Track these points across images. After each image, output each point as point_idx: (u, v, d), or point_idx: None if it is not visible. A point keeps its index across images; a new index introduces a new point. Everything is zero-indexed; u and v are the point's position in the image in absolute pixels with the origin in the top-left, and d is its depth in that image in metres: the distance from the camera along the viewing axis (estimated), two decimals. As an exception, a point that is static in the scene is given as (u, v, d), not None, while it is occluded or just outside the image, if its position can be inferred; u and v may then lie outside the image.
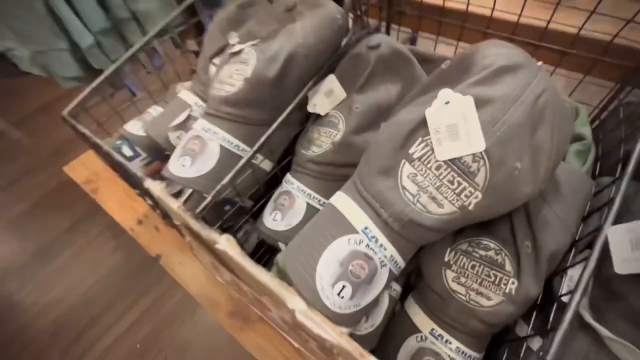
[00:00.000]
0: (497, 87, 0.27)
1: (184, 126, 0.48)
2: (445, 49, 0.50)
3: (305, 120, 0.47)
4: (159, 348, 1.16)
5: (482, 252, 0.34)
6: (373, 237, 0.28)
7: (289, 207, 0.42)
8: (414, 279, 0.40)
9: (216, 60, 0.49)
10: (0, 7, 0.77)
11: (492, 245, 0.34)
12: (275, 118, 0.40)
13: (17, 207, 1.53)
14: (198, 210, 0.35)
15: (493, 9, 0.43)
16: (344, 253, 0.28)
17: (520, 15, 0.41)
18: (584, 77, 0.43)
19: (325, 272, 0.27)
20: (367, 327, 0.36)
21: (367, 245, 0.28)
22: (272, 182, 0.47)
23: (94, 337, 1.21)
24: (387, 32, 0.54)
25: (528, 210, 0.33)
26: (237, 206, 0.44)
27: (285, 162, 0.47)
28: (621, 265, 0.24)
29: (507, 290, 0.32)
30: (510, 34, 0.43)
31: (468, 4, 0.44)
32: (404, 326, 0.36)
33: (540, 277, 0.32)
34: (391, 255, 0.28)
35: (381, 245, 0.28)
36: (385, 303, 0.37)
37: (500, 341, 0.36)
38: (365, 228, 0.28)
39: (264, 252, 0.52)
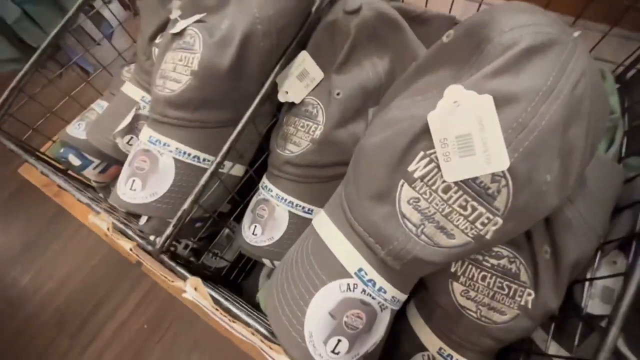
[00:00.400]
0: (524, 77, 0.20)
1: (133, 129, 0.39)
2: (443, 3, 0.40)
3: (278, 109, 0.39)
4: (169, 322, 1.18)
5: (494, 261, 0.30)
6: (370, 280, 0.23)
7: (269, 218, 0.36)
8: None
9: (158, 41, 0.39)
10: None
11: (504, 253, 0.29)
12: (239, 115, 0.32)
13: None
14: (157, 246, 0.29)
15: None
16: (336, 302, 0.23)
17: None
18: (612, 28, 0.35)
19: (316, 327, 0.22)
20: (368, 346, 0.33)
21: (363, 291, 0.23)
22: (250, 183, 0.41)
23: (100, 321, 1.22)
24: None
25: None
26: (211, 220, 0.38)
27: (259, 162, 0.40)
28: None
29: (522, 303, 0.29)
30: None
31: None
32: (410, 342, 0.33)
33: (561, 287, 0.28)
34: (392, 297, 0.23)
35: (380, 289, 0.23)
36: (386, 320, 0.34)
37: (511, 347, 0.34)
38: (360, 270, 0.23)
39: (250, 259, 0.48)
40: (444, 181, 0.21)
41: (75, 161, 0.45)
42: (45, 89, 0.45)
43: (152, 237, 0.31)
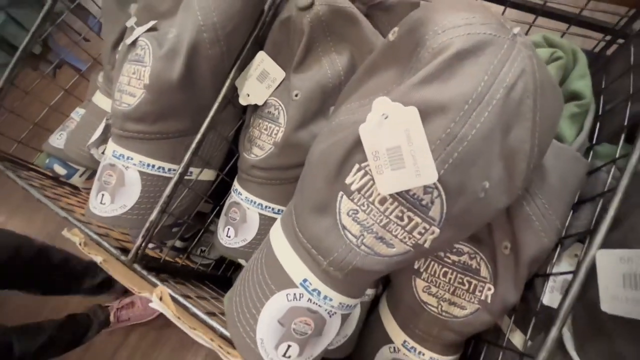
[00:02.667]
0: (453, 84, 0.19)
1: (106, 139, 0.40)
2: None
3: (243, 112, 0.39)
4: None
5: (455, 257, 0.30)
6: (314, 289, 0.23)
7: (241, 220, 0.37)
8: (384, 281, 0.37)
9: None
10: None
11: (465, 249, 0.29)
12: (199, 123, 0.32)
13: None
14: (129, 257, 0.31)
15: None
16: (283, 311, 0.24)
17: None
18: (587, 2, 0.32)
19: (266, 334, 0.24)
20: (339, 339, 0.35)
21: (309, 300, 0.23)
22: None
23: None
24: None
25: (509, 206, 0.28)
26: (185, 225, 0.39)
27: (230, 165, 0.41)
28: (609, 303, 0.20)
29: (482, 298, 0.29)
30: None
31: None
32: (378, 334, 0.34)
33: (520, 282, 0.28)
34: (340, 303, 0.24)
35: (325, 297, 0.24)
36: (357, 313, 0.35)
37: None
38: (304, 280, 0.23)
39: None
40: (379, 193, 0.21)
41: (60, 170, 0.47)
42: (43, 89, 0.45)
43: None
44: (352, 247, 0.22)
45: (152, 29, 0.32)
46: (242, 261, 0.38)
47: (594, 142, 0.31)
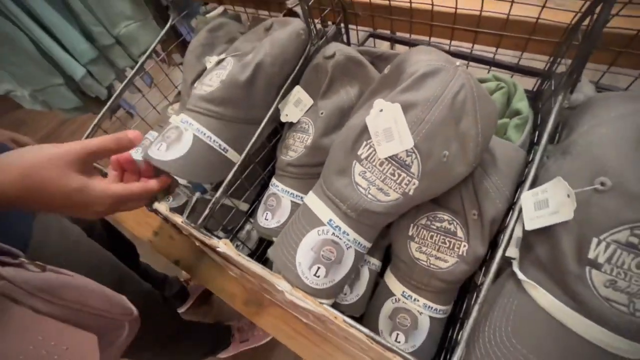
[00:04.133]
0: (421, 91, 0.33)
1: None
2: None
3: (276, 128, 0.54)
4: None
5: (438, 224, 0.40)
6: (337, 226, 0.35)
7: (277, 207, 0.49)
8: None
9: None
10: (-4, 54, 0.84)
11: (445, 217, 0.40)
12: (248, 117, 0.48)
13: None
14: (199, 221, 0.42)
15: (432, 5, 0.48)
16: (316, 242, 0.35)
17: (456, 8, 0.46)
18: (522, 54, 0.47)
19: (303, 259, 0.34)
20: (352, 297, 0.44)
21: (333, 234, 0.35)
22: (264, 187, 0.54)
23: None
24: (347, 33, 0.59)
25: (474, 183, 0.39)
26: (234, 211, 0.51)
27: (270, 167, 0.54)
28: (529, 222, 0.30)
29: (460, 253, 0.39)
30: (452, 23, 0.48)
31: (411, 3, 0.49)
32: (382, 292, 0.43)
33: (485, 239, 0.39)
34: (354, 239, 0.35)
35: (344, 232, 0.35)
36: (366, 276, 0.44)
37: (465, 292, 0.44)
38: (330, 220, 0.35)
39: (266, 247, 0.60)
40: (379, 159, 0.34)
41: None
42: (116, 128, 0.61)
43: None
44: (361, 196, 0.34)
45: (234, 56, 0.49)
46: (275, 239, 0.49)
47: (534, 142, 0.43)
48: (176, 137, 0.45)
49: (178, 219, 0.42)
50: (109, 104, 0.58)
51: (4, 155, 0.30)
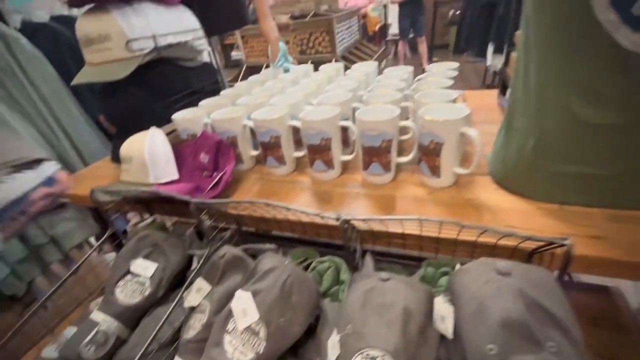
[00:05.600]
0: (264, 282, 0.55)
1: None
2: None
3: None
4: None
5: (296, 375, 0.55)
6: (210, 388, 0.48)
7: (175, 382, 0.59)
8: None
9: (120, 283, 0.71)
10: None
11: (300, 368, 0.56)
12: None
13: None
14: None
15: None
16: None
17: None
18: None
19: None
20: None
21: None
22: None
23: None
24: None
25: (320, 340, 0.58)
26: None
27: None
28: None
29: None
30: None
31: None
32: None
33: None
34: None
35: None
36: None
37: None
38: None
39: None
40: (239, 330, 0.52)
41: None
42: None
43: None
44: (228, 359, 0.50)
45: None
46: None
47: (356, 302, 0.66)
48: None
49: None
50: (34, 309, 0.69)
51: None
